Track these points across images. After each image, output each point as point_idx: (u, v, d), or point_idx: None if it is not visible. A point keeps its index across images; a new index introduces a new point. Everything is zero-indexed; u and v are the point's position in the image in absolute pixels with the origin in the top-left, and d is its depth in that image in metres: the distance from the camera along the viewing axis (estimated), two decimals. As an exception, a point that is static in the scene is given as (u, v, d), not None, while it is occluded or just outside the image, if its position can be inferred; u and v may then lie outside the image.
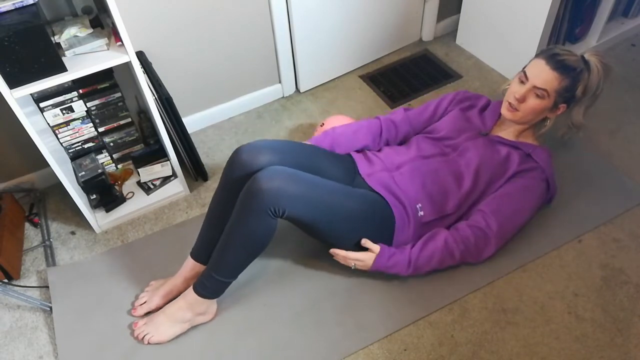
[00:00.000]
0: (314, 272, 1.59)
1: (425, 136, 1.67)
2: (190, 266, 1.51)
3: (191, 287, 1.44)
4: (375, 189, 1.50)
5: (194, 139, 1.85)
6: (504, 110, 1.56)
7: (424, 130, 1.73)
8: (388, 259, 1.46)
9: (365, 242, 1.46)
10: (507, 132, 1.62)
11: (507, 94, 1.56)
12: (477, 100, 1.73)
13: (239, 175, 1.42)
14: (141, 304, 1.53)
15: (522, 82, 1.52)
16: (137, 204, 1.84)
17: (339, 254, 1.48)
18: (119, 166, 1.97)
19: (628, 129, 1.96)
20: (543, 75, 1.47)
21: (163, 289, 1.52)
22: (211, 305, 1.48)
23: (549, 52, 1.50)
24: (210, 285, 1.41)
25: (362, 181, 1.54)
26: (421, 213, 1.50)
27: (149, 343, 1.45)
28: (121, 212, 1.82)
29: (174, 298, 1.50)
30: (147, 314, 1.52)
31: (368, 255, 1.47)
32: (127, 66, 1.51)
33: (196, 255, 1.51)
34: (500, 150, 1.57)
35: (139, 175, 1.91)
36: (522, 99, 1.50)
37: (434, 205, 1.51)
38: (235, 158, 1.44)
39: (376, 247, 1.46)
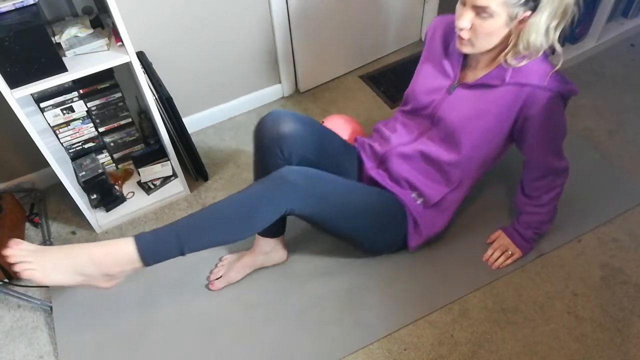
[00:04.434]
0: (314, 272, 1.59)
1: (403, 111, 1.55)
2: (262, 243, 1.53)
3: (128, 239, 1.25)
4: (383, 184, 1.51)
5: (194, 139, 1.85)
6: (459, 46, 1.31)
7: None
8: (525, 229, 1.54)
9: (490, 239, 1.60)
10: (479, 69, 1.37)
11: (455, 24, 1.28)
12: (435, 38, 1.46)
13: (266, 141, 1.42)
14: (217, 278, 1.56)
15: (463, 3, 1.25)
16: (137, 203, 1.84)
17: (495, 265, 1.57)
18: (120, 166, 1.97)
19: (628, 129, 1.96)
20: None
21: (240, 263, 1.55)
22: (126, 270, 1.26)
23: None
24: (162, 246, 1.25)
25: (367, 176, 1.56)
26: (420, 200, 1.48)
27: (21, 273, 1.18)
28: (121, 212, 1.82)
29: (251, 271, 1.57)
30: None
31: (500, 241, 1.58)
32: (128, 66, 1.51)
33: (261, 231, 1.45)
34: (484, 96, 1.34)
35: (139, 175, 1.91)
36: (467, 26, 1.24)
37: (436, 185, 1.47)
38: (260, 126, 1.44)
39: (497, 233, 1.60)
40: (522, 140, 1.40)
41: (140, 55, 1.77)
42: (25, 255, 1.18)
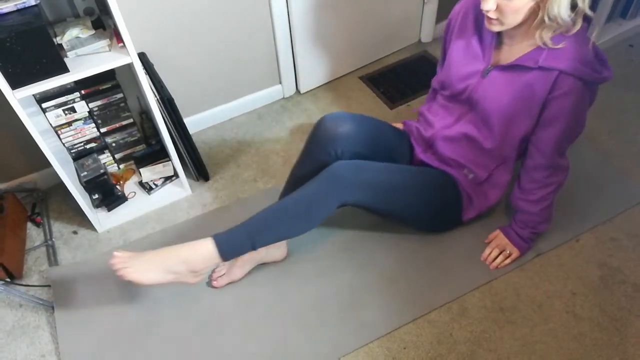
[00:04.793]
0: (314, 271, 1.60)
1: (442, 95, 1.58)
2: None
3: (208, 238, 1.39)
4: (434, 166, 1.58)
5: (195, 140, 1.86)
6: (489, 26, 1.31)
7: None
8: (521, 228, 1.55)
9: (488, 239, 1.62)
10: (515, 44, 1.35)
11: (481, 7, 1.28)
12: (465, 20, 1.44)
13: (322, 140, 1.49)
14: (220, 276, 1.58)
15: None
16: (138, 203, 1.85)
17: (493, 265, 1.58)
18: (121, 166, 1.98)
19: (627, 129, 1.96)
20: None
21: (241, 259, 1.57)
22: (208, 266, 1.41)
23: None
24: (236, 243, 1.39)
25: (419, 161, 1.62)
26: (471, 175, 1.53)
27: (123, 276, 1.35)
28: (123, 212, 1.83)
29: (252, 267, 1.59)
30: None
31: (497, 241, 1.59)
32: (129, 67, 1.52)
33: None
34: (518, 78, 1.33)
35: (140, 175, 1.92)
36: (493, 7, 1.24)
37: (482, 163, 1.51)
38: (320, 124, 1.51)
39: (495, 233, 1.61)
40: (537, 122, 1.39)
41: (142, 56, 1.78)
42: (125, 261, 1.36)
